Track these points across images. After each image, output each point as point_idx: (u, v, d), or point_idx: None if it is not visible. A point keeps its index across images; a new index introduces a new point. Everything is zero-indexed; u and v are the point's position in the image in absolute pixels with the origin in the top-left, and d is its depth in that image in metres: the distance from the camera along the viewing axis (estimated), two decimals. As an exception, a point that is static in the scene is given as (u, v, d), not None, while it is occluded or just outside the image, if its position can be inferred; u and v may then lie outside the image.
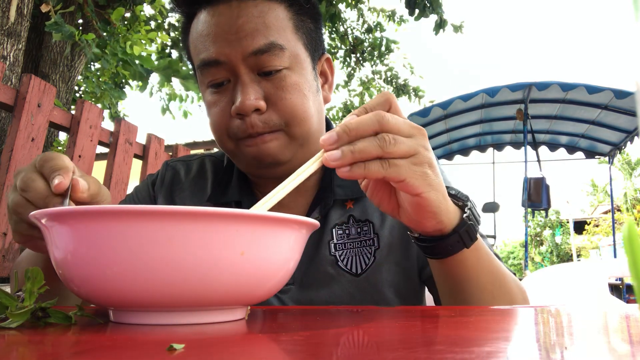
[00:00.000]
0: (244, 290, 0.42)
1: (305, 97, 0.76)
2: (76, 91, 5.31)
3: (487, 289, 0.65)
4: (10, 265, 2.17)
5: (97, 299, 0.41)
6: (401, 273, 0.80)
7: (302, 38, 0.78)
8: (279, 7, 0.76)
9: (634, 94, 0.55)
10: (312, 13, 0.81)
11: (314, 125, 0.78)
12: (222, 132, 0.77)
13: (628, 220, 0.21)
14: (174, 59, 4.99)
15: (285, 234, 0.44)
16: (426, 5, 4.38)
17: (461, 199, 0.63)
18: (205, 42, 0.75)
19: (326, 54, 0.86)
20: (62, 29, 2.85)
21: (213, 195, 0.86)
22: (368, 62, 7.77)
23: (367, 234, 0.80)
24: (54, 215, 0.41)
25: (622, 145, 6.48)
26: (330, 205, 0.80)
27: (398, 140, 0.52)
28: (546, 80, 5.51)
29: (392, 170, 0.52)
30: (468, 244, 0.60)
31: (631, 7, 0.18)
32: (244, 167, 0.82)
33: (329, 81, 0.87)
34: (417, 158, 0.53)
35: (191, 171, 0.92)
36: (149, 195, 0.91)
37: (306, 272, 0.79)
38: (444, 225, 0.58)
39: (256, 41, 0.72)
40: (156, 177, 0.93)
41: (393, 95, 0.57)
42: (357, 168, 0.51)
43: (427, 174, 0.54)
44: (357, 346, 0.33)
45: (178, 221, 0.38)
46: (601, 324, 0.44)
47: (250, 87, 0.73)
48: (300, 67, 0.76)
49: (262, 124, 0.73)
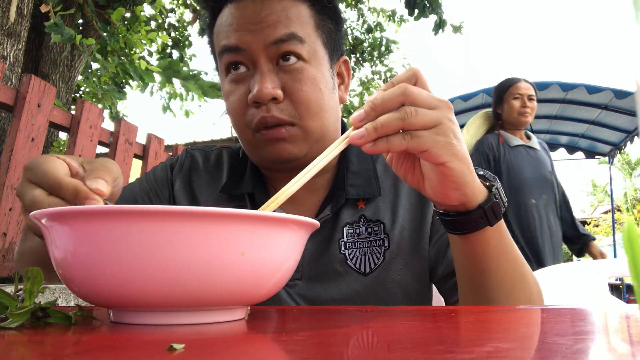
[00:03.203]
0: (244, 290, 0.42)
1: (321, 92, 0.77)
2: (76, 91, 5.31)
3: (508, 274, 0.65)
4: (10, 265, 2.17)
5: (97, 299, 0.41)
6: (410, 274, 0.80)
7: (321, 36, 0.80)
8: (302, 5, 0.78)
9: (634, 94, 0.55)
10: (333, 14, 0.83)
11: (328, 121, 0.80)
12: (241, 121, 0.78)
13: (628, 220, 0.21)
14: (174, 60, 5.00)
15: (285, 234, 0.44)
16: (426, 5, 4.39)
17: (489, 179, 0.64)
18: (228, 31, 0.77)
19: (344, 56, 0.88)
20: (61, 30, 2.86)
21: (227, 187, 0.86)
22: (368, 62, 7.77)
23: (377, 234, 0.81)
24: (54, 215, 0.41)
25: (622, 145, 6.48)
26: (342, 203, 0.81)
27: (420, 111, 0.53)
28: (546, 80, 5.51)
29: (415, 141, 0.53)
30: (492, 222, 0.61)
31: (631, 8, 0.18)
32: (258, 159, 0.83)
33: (345, 83, 0.89)
34: (441, 128, 0.54)
35: (209, 161, 0.93)
36: (167, 177, 0.91)
37: (315, 269, 0.80)
38: (469, 198, 0.59)
39: (277, 31, 0.74)
40: (176, 161, 0.93)
41: (420, 69, 0.58)
42: (380, 142, 0.53)
43: (452, 144, 0.55)
44: (356, 346, 0.33)
45: (178, 221, 0.38)
46: (601, 324, 0.44)
47: (267, 76, 0.74)
48: (318, 63, 0.78)
49: (277, 113, 0.75)
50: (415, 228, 0.81)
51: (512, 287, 0.65)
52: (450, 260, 0.78)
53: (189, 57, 5.98)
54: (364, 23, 7.37)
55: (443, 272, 0.80)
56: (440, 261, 0.80)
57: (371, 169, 0.85)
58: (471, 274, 0.66)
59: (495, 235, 0.63)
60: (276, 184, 0.86)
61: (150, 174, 0.92)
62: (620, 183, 17.94)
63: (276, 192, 0.86)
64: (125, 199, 0.87)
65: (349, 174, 0.83)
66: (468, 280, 0.68)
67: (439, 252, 0.80)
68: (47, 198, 0.51)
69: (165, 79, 4.63)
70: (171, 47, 5.85)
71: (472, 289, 0.67)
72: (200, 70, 4.63)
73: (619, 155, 7.55)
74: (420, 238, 0.81)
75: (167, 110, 4.89)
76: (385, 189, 0.83)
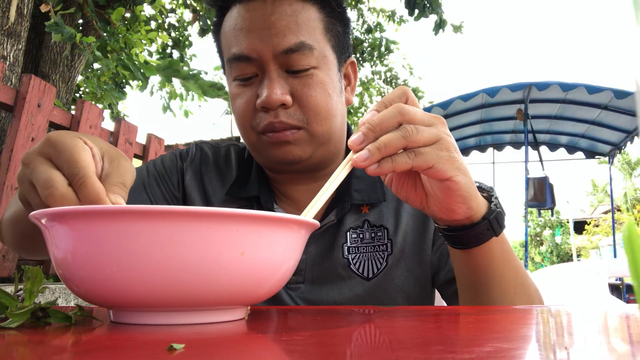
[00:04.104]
0: (244, 290, 0.42)
1: (329, 97, 0.77)
2: (76, 91, 5.31)
3: (510, 284, 0.65)
4: (10, 265, 2.17)
5: (97, 299, 0.41)
6: (412, 279, 0.80)
7: (331, 40, 0.79)
8: (311, 8, 0.77)
9: (634, 94, 0.55)
10: (342, 17, 0.82)
11: (335, 125, 0.79)
12: (247, 123, 0.78)
13: (628, 220, 0.21)
14: (175, 59, 4.99)
15: (285, 234, 0.44)
16: (426, 5, 4.38)
17: (486, 190, 0.64)
18: (238, 36, 0.76)
19: (351, 58, 0.88)
20: (62, 30, 2.86)
21: (232, 189, 0.86)
22: (368, 63, 7.77)
23: (380, 239, 0.81)
24: (54, 215, 0.41)
25: (622, 145, 6.48)
26: (346, 209, 0.81)
27: (420, 129, 0.53)
28: (546, 80, 5.51)
29: (420, 158, 0.53)
30: (498, 232, 0.61)
31: (631, 8, 0.18)
32: (263, 160, 0.83)
33: (352, 84, 0.89)
34: (442, 144, 0.54)
35: (219, 157, 0.93)
36: (176, 165, 0.90)
37: (318, 272, 0.80)
38: (474, 211, 0.59)
39: (287, 40, 0.74)
40: (186, 152, 0.93)
41: (408, 88, 0.58)
42: (385, 163, 0.52)
43: (455, 158, 0.55)
44: (356, 346, 0.33)
45: (178, 221, 0.38)
46: (601, 324, 0.44)
47: (277, 82, 0.74)
48: (327, 67, 0.78)
49: (286, 118, 0.75)
50: (419, 233, 0.81)
51: (514, 296, 0.65)
52: (452, 267, 0.78)
53: (189, 57, 5.98)
54: (364, 23, 7.37)
55: (445, 277, 0.80)
56: (443, 267, 0.80)
57: None
58: (475, 286, 0.66)
59: (498, 246, 0.62)
60: (281, 186, 0.86)
61: (159, 160, 0.92)
62: (620, 183, 17.94)
63: (280, 195, 0.87)
64: (133, 185, 0.86)
65: (354, 179, 0.83)
66: (470, 292, 0.68)
67: (442, 258, 0.80)
68: (65, 188, 0.45)
69: (165, 78, 4.63)
70: (171, 47, 5.85)
71: (474, 300, 0.67)
72: (200, 70, 4.63)
73: (619, 155, 7.54)
74: (423, 243, 0.81)
75: (167, 110, 4.89)
76: (389, 194, 0.83)
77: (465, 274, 0.67)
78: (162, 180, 0.88)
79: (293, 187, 0.85)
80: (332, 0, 0.79)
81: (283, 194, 0.86)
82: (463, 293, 0.70)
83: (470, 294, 0.68)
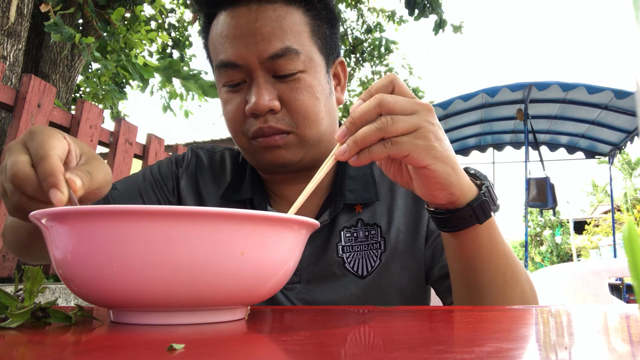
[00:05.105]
0: (244, 290, 0.42)
1: (317, 100, 0.78)
2: (76, 91, 5.31)
3: (500, 271, 0.66)
4: (10, 265, 2.17)
5: (97, 299, 0.41)
6: (406, 276, 0.81)
7: (317, 42, 0.80)
8: (296, 12, 0.77)
9: (634, 94, 0.55)
10: (328, 18, 0.82)
11: (324, 127, 0.80)
12: (237, 129, 0.80)
13: (628, 220, 0.21)
14: (175, 59, 4.99)
15: (285, 234, 0.44)
16: (426, 5, 4.38)
17: (479, 178, 0.66)
18: (224, 44, 0.77)
19: (340, 57, 0.88)
20: (61, 30, 2.86)
21: (226, 193, 0.87)
22: (368, 63, 7.77)
23: (374, 237, 0.81)
24: (54, 215, 0.41)
25: (622, 145, 6.47)
26: (340, 208, 0.82)
27: (397, 119, 0.54)
28: (546, 80, 5.51)
29: (395, 147, 0.55)
30: (481, 220, 0.62)
31: (631, 8, 0.18)
32: (255, 164, 0.84)
33: (342, 83, 0.89)
34: (420, 132, 0.55)
35: (214, 162, 0.94)
36: (171, 171, 0.92)
37: (313, 272, 0.81)
38: (457, 197, 0.60)
39: (272, 46, 0.74)
40: (182, 158, 0.94)
41: (396, 76, 0.59)
42: (363, 154, 0.55)
43: (432, 147, 0.56)
44: (356, 346, 0.33)
45: (178, 221, 0.38)
46: (601, 324, 0.44)
47: (264, 88, 0.75)
48: (314, 70, 0.78)
49: (275, 123, 0.76)
50: (411, 230, 0.82)
51: (503, 284, 0.66)
52: (445, 262, 0.78)
53: (189, 57, 5.98)
54: (364, 23, 7.37)
55: (438, 273, 0.80)
56: (436, 263, 0.81)
57: (368, 173, 0.86)
58: (464, 272, 0.67)
59: (485, 233, 0.63)
60: (275, 187, 0.87)
61: (155, 166, 0.93)
62: (620, 183, 17.94)
63: (275, 196, 0.88)
64: (129, 190, 0.88)
65: (347, 178, 0.84)
66: (461, 279, 0.69)
67: (435, 254, 0.81)
68: (27, 168, 0.50)
69: (165, 78, 4.63)
70: (171, 47, 5.85)
71: (465, 287, 0.68)
72: (200, 70, 4.63)
73: (619, 155, 7.55)
74: (416, 240, 0.82)
75: (167, 110, 4.89)
76: (382, 192, 0.84)
77: (455, 258, 0.68)
78: (157, 186, 0.89)
79: (287, 187, 0.86)
80: (316, 2, 0.79)
81: (277, 194, 0.88)
82: (454, 280, 0.71)
83: (461, 280, 0.68)
